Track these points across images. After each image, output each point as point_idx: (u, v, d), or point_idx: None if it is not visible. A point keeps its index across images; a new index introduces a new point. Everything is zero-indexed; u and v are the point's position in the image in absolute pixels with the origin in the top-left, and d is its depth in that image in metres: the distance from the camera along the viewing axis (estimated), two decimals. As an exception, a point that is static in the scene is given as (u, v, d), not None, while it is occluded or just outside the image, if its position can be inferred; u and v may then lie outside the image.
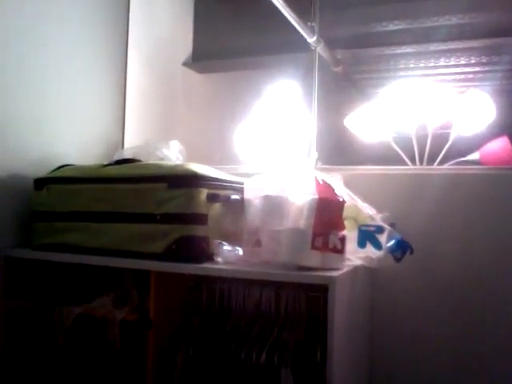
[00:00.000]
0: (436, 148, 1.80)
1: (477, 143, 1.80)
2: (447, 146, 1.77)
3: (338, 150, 1.95)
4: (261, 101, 1.91)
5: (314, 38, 1.82)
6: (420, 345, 1.54)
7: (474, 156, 1.77)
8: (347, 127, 1.89)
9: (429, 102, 1.81)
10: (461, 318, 1.51)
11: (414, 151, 1.81)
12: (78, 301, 1.38)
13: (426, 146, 1.80)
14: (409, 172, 1.65)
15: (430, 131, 1.80)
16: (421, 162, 1.79)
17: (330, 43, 2.00)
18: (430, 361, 1.53)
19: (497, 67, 2.54)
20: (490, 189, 1.51)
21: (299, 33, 1.80)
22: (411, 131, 1.81)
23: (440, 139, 1.82)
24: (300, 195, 1.24)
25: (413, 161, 1.80)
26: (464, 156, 1.78)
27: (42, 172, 1.50)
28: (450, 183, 1.54)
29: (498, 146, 1.75)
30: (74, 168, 1.50)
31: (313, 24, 1.82)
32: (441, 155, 1.77)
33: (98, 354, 1.34)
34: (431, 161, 1.79)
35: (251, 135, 1.92)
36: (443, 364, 1.52)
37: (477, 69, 2.63)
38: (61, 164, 1.54)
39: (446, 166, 1.74)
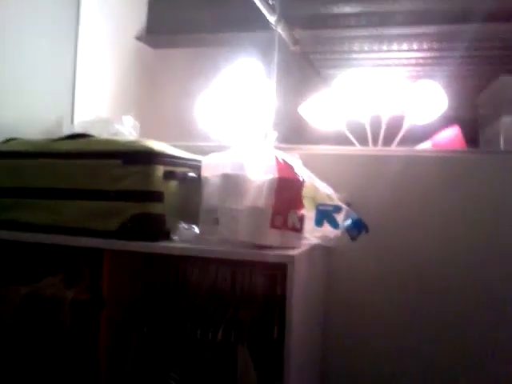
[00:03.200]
0: (389, 137, 1.83)
1: (429, 132, 1.84)
2: (400, 135, 1.80)
3: (296, 129, 1.94)
4: (218, 79, 1.87)
5: (275, 16, 1.80)
6: (374, 321, 1.57)
7: (426, 145, 1.80)
8: (300, 114, 1.88)
9: (382, 90, 1.82)
10: (415, 293, 1.54)
11: (367, 139, 1.82)
12: (25, 280, 1.32)
13: (379, 134, 1.82)
14: (365, 153, 1.66)
15: (384, 120, 1.82)
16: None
17: (289, 22, 1.99)
18: (385, 337, 1.56)
19: (448, 53, 2.60)
20: (442, 170, 1.54)
21: (259, 10, 1.77)
22: (365, 119, 1.82)
23: (393, 128, 1.84)
24: (259, 174, 1.23)
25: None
26: (416, 144, 1.81)
27: (-14, 146, 1.42)
28: (404, 165, 1.56)
29: (449, 135, 1.80)
30: (22, 142, 1.43)
31: (273, 2, 1.80)
32: (394, 143, 1.79)
33: (48, 335, 1.29)
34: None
35: (208, 113, 1.88)
36: (397, 339, 1.55)
37: (428, 54, 2.68)
38: (6, 138, 1.46)
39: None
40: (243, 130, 1.79)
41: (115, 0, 2.04)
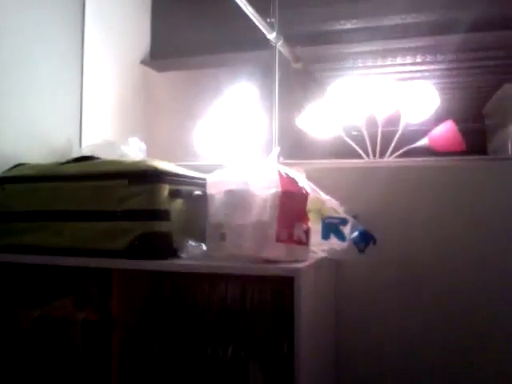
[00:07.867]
0: (387, 138, 1.84)
1: (425, 129, 1.86)
2: (397, 136, 1.81)
3: (299, 145, 1.96)
4: (222, 98, 1.90)
5: (274, 34, 1.83)
6: (385, 333, 1.55)
7: (423, 141, 1.82)
8: (299, 126, 1.90)
9: (376, 94, 1.84)
10: (427, 304, 1.53)
11: (366, 144, 1.83)
12: (36, 303, 1.34)
13: (377, 137, 1.83)
14: (368, 165, 1.67)
15: (380, 122, 1.82)
16: (374, 153, 1.83)
17: (290, 40, 2.02)
18: (397, 351, 1.54)
19: (453, 65, 2.61)
20: (450, 179, 1.53)
21: (259, 30, 1.80)
22: (361, 124, 1.83)
23: (390, 129, 1.85)
24: (263, 188, 1.24)
25: (366, 153, 1.83)
26: (414, 142, 1.82)
27: (-4, 171, 1.45)
28: (407, 175, 1.56)
29: (444, 130, 1.81)
30: (31, 166, 1.46)
31: (272, 20, 1.83)
32: (392, 145, 1.80)
33: (60, 356, 1.30)
34: (384, 151, 1.82)
35: (212, 133, 1.90)
36: (411, 355, 1.53)
37: (433, 67, 2.70)
38: (16, 163, 1.49)
39: (394, 156, 1.78)
40: (246, 147, 1.80)
41: (120, 26, 2.08)
